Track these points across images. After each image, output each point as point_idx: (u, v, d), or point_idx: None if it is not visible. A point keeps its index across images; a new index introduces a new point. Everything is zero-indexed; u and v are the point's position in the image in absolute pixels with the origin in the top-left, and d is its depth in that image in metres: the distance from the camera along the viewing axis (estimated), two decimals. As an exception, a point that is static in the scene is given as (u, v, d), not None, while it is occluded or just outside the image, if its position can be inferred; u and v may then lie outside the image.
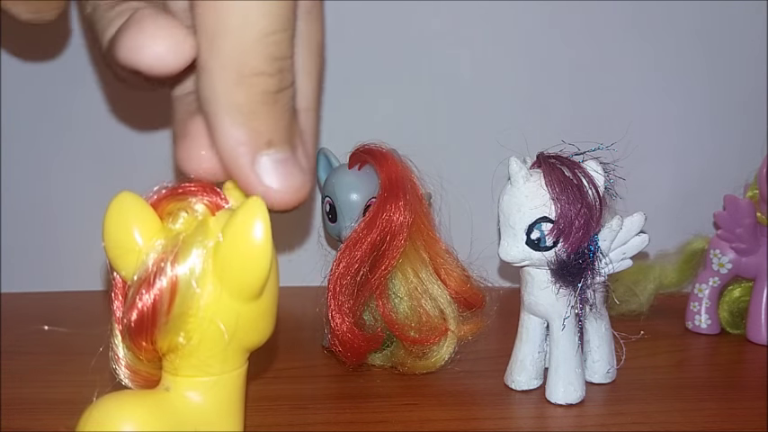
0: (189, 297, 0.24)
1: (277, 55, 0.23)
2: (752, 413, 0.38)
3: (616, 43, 0.56)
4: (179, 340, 0.24)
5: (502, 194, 0.38)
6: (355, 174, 0.43)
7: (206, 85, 0.23)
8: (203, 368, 0.25)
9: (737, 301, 0.49)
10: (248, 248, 0.23)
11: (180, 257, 0.23)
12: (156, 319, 0.23)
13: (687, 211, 0.56)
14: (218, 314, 0.24)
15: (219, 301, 0.24)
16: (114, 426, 0.23)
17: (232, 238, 0.23)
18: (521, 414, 0.39)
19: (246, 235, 0.23)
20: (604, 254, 0.38)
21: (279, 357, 0.45)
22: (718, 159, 0.57)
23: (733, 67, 0.56)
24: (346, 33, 0.54)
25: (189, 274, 0.23)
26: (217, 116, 0.23)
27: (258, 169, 0.24)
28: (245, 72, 0.23)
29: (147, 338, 0.24)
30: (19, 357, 0.43)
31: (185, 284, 0.23)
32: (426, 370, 0.41)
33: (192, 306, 0.24)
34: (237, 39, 0.23)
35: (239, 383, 0.26)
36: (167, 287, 0.23)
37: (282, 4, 0.23)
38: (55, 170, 0.55)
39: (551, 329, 0.39)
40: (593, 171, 0.37)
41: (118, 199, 0.24)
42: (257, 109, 0.23)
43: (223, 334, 0.24)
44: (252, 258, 0.23)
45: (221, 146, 0.24)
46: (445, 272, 0.42)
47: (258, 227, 0.23)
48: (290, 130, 0.25)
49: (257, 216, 0.23)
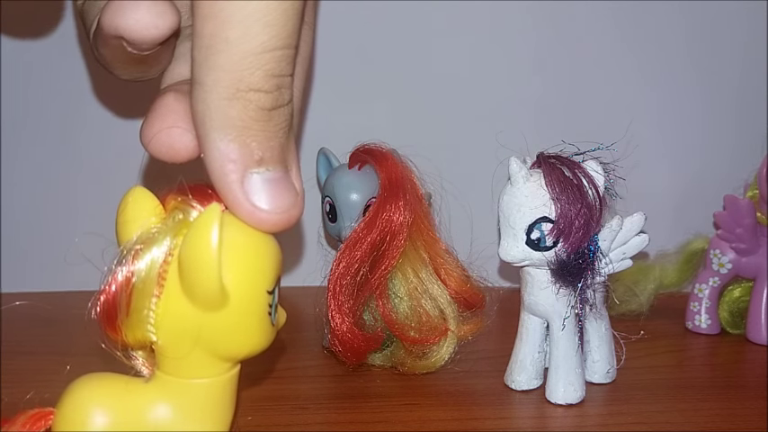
0: (145, 294, 0.24)
1: (276, 72, 0.22)
2: (752, 413, 0.38)
3: (616, 43, 0.55)
4: (149, 335, 0.24)
5: (502, 194, 0.38)
6: (355, 174, 0.43)
7: (198, 98, 0.22)
8: (173, 368, 0.25)
9: (737, 301, 0.49)
10: (197, 256, 0.22)
11: (140, 254, 0.23)
12: (116, 311, 0.24)
13: (687, 211, 0.56)
14: (178, 317, 0.24)
15: (179, 304, 0.24)
16: (85, 415, 0.24)
17: (185, 243, 0.23)
18: (521, 414, 0.39)
19: (197, 242, 0.22)
20: (604, 254, 0.38)
21: (279, 357, 0.45)
22: (719, 159, 0.57)
23: (733, 67, 0.56)
24: (346, 33, 0.54)
25: (145, 271, 0.23)
26: (207, 130, 0.23)
27: (247, 187, 0.23)
28: (240, 87, 0.22)
29: (113, 329, 0.24)
30: (19, 357, 0.43)
31: (141, 281, 0.23)
32: (426, 370, 0.41)
33: (149, 304, 0.24)
34: (235, 52, 0.22)
35: (214, 393, 0.26)
36: (123, 281, 0.23)
37: (287, 18, 0.22)
38: (55, 170, 0.55)
39: (551, 329, 0.39)
40: (593, 171, 0.37)
41: (129, 192, 0.25)
42: (250, 125, 0.23)
43: (183, 337, 0.24)
44: (200, 266, 0.22)
45: (210, 161, 0.23)
46: (445, 272, 0.42)
47: (209, 235, 0.22)
48: (284, 148, 0.24)
49: (210, 224, 0.22)
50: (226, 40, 0.22)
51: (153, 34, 0.24)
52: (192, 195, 0.24)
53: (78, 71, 0.54)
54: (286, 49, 0.22)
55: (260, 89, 0.22)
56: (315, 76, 0.55)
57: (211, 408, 0.26)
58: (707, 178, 0.56)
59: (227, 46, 0.22)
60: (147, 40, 0.24)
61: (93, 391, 0.25)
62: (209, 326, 0.24)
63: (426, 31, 0.55)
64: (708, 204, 0.50)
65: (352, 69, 0.55)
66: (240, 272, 0.24)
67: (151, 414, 0.25)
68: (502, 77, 0.56)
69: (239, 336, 0.25)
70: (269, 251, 0.25)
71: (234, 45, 0.22)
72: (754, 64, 0.56)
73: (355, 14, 0.54)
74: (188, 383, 0.25)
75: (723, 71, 0.56)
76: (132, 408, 0.25)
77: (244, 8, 0.21)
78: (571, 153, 0.38)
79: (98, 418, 0.24)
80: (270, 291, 0.25)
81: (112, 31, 0.24)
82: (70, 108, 0.54)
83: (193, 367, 0.25)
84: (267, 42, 0.22)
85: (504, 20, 0.55)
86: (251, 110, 0.22)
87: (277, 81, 0.23)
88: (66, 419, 0.25)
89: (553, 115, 0.57)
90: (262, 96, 0.22)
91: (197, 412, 0.25)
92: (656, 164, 0.57)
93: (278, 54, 0.22)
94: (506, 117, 0.56)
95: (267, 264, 0.25)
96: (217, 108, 0.22)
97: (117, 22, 0.24)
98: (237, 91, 0.22)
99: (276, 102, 0.23)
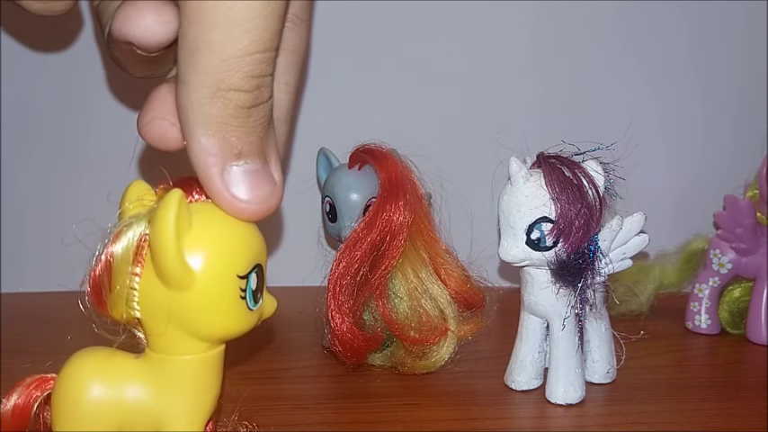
0: (123, 273, 0.26)
1: (256, 73, 0.24)
2: (752, 413, 0.38)
3: (617, 43, 0.55)
4: (133, 312, 0.26)
5: (502, 194, 0.38)
6: (355, 174, 0.43)
7: (182, 95, 0.24)
8: (157, 345, 0.27)
9: (737, 301, 0.50)
10: (157, 236, 0.24)
11: (117, 237, 0.26)
12: (100, 288, 0.26)
13: (687, 211, 0.56)
14: (153, 295, 0.26)
15: (153, 284, 0.25)
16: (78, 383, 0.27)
17: (150, 225, 0.25)
18: (521, 414, 0.39)
19: (157, 222, 0.24)
20: (604, 254, 0.38)
21: (279, 357, 0.45)
22: (719, 159, 0.57)
23: (733, 68, 0.56)
24: (346, 32, 0.54)
25: (121, 252, 0.25)
26: (190, 126, 0.24)
27: (227, 179, 0.25)
28: (221, 87, 0.23)
29: (101, 305, 0.26)
30: (19, 357, 0.43)
31: (118, 262, 0.25)
32: (426, 370, 0.41)
33: (127, 282, 0.26)
34: (217, 55, 0.23)
35: (195, 369, 0.27)
36: (105, 262, 0.26)
37: (268, 24, 0.23)
38: (55, 170, 0.55)
39: (551, 329, 0.39)
40: (594, 171, 0.37)
41: (130, 184, 0.27)
42: (229, 122, 0.24)
43: (158, 315, 0.26)
44: (160, 245, 0.24)
45: (193, 155, 0.25)
46: (445, 272, 0.42)
47: (167, 216, 0.24)
48: (263, 141, 0.25)
49: (169, 207, 0.24)
50: (208, 44, 0.23)
51: (160, 39, 0.26)
52: (175, 185, 0.26)
53: (84, 70, 0.54)
54: (266, 52, 0.24)
55: (239, 89, 0.24)
56: (315, 76, 0.55)
57: (193, 383, 0.27)
58: (707, 178, 0.56)
59: (209, 49, 0.23)
60: (155, 45, 0.26)
61: (87, 362, 0.27)
62: (177, 304, 0.25)
63: (427, 32, 0.55)
64: (708, 204, 0.50)
65: (353, 69, 0.55)
66: (206, 255, 0.25)
67: (135, 387, 0.27)
68: (502, 77, 0.56)
69: (208, 316, 0.26)
70: (243, 237, 0.26)
71: (216, 49, 0.23)
72: (754, 64, 0.56)
73: (355, 14, 0.54)
74: (170, 359, 0.27)
75: (723, 72, 0.56)
76: (118, 380, 0.27)
77: (226, 14, 0.23)
78: (571, 153, 0.38)
79: (94, 388, 0.26)
80: (241, 275, 0.26)
81: (122, 37, 0.26)
82: (71, 106, 0.54)
83: (173, 344, 0.27)
84: (248, 47, 0.23)
85: (503, 20, 0.55)
86: (231, 108, 0.24)
87: (257, 81, 0.24)
88: (64, 387, 0.27)
89: (553, 115, 0.57)
90: (241, 96, 0.24)
91: (178, 386, 0.27)
92: (656, 164, 0.57)
93: (258, 57, 0.24)
94: (506, 117, 0.56)
95: (239, 249, 0.26)
96: (199, 105, 0.24)
97: (126, 30, 0.26)
98: (218, 90, 0.24)
99: (255, 100, 0.24)
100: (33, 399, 0.28)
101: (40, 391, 0.28)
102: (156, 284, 0.25)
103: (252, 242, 0.26)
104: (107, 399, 0.27)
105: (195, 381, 0.27)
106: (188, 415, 0.27)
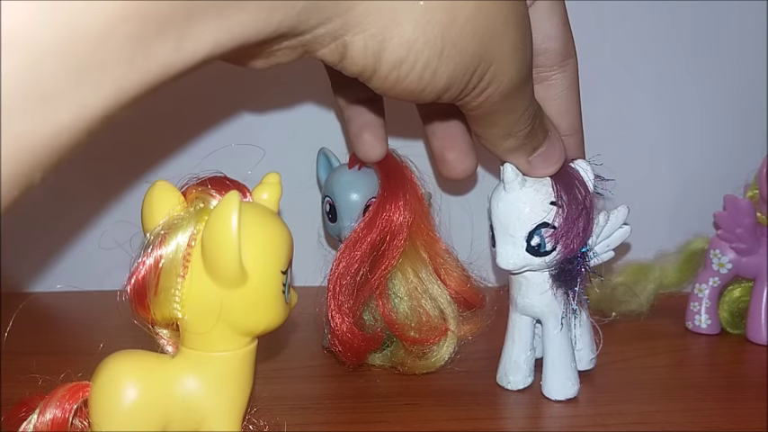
0: (173, 275, 0.26)
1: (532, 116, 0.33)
2: (752, 413, 0.38)
3: (616, 42, 0.55)
4: (175, 313, 0.27)
5: (495, 201, 0.37)
6: (355, 173, 0.43)
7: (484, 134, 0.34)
8: (197, 343, 0.28)
9: (737, 301, 0.49)
10: (220, 237, 0.25)
11: (166, 239, 0.26)
12: (145, 290, 0.26)
13: (687, 211, 0.56)
14: (202, 295, 0.27)
15: (202, 283, 0.26)
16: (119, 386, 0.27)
17: (208, 227, 0.26)
18: (521, 413, 0.39)
19: (219, 225, 0.25)
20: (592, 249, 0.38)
21: (279, 357, 0.45)
22: (718, 159, 0.57)
23: (733, 67, 0.56)
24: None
25: (172, 254, 0.26)
26: (496, 148, 0.35)
27: (533, 165, 0.36)
28: (510, 133, 0.33)
29: (143, 307, 0.27)
30: (19, 357, 0.43)
31: (168, 263, 0.26)
32: (426, 370, 0.41)
33: (175, 284, 0.26)
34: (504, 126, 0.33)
35: (235, 364, 0.28)
36: (153, 264, 0.26)
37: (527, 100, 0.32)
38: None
39: (547, 328, 0.39)
40: (583, 171, 0.37)
41: (153, 185, 0.28)
42: (521, 144, 0.34)
43: (207, 313, 0.27)
44: (222, 247, 0.25)
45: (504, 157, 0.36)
46: (445, 272, 0.42)
47: (229, 218, 0.25)
48: (542, 131, 0.35)
49: (228, 208, 0.25)
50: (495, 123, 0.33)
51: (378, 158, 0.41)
52: (211, 186, 0.28)
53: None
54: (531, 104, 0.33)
55: (523, 130, 0.34)
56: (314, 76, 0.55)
57: (233, 378, 0.28)
58: (707, 178, 0.56)
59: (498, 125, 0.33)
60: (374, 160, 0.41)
61: (125, 365, 0.27)
62: (230, 302, 0.26)
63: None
64: (708, 204, 0.50)
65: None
66: (257, 252, 0.26)
67: (179, 385, 0.28)
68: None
69: (257, 311, 0.27)
70: (282, 235, 0.28)
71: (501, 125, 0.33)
72: (754, 64, 0.56)
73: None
74: (211, 356, 0.28)
75: (723, 71, 0.56)
76: (161, 380, 0.27)
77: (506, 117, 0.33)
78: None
79: (130, 390, 0.27)
80: (283, 271, 0.28)
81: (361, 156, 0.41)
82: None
83: (215, 341, 0.27)
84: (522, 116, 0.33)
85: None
86: (520, 138, 0.34)
87: (532, 120, 0.34)
88: (101, 392, 0.27)
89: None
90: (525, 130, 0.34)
91: (221, 382, 0.28)
92: (656, 164, 0.57)
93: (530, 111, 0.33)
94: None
95: (280, 246, 0.27)
96: (499, 142, 0.34)
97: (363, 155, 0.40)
98: (509, 134, 0.34)
99: (533, 124, 0.34)
100: (69, 411, 0.28)
101: (74, 401, 0.28)
102: (206, 284, 0.26)
103: (288, 240, 0.28)
104: (152, 399, 0.27)
105: (236, 376, 0.28)
106: (230, 410, 0.28)
